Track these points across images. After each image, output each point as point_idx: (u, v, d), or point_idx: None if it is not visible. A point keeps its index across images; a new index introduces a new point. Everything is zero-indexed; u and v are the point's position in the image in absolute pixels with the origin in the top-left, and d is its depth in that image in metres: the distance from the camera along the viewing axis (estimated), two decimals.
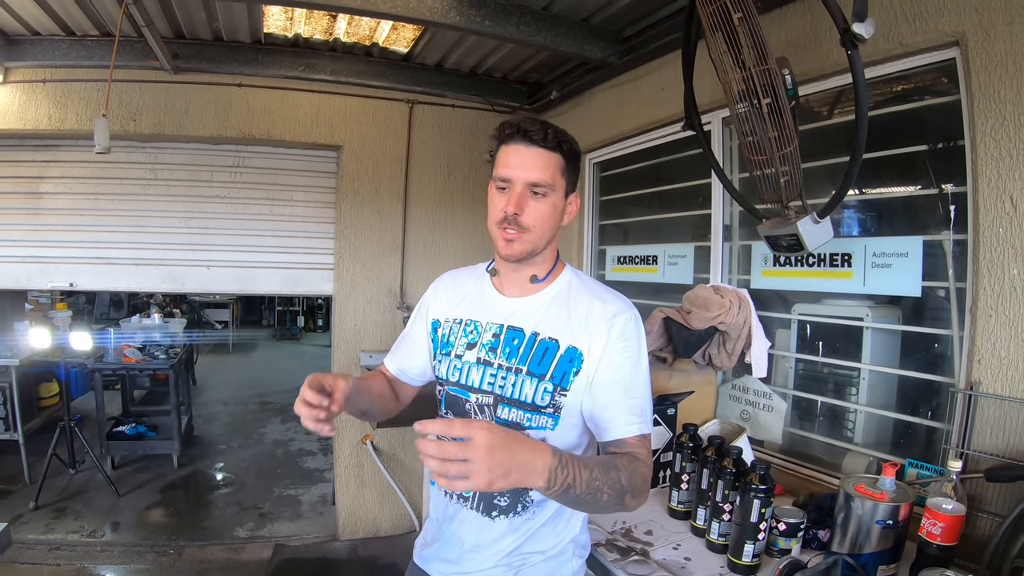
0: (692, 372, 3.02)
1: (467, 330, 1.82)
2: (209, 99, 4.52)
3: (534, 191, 1.65)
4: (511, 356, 1.74)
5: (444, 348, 1.86)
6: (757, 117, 2.26)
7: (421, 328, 1.95)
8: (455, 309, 1.88)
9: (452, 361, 1.82)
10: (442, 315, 1.90)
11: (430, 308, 1.94)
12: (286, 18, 4.00)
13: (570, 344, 1.70)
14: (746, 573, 1.99)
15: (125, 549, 4.68)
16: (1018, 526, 1.76)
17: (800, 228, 2.35)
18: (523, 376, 1.72)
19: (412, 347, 1.97)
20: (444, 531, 1.87)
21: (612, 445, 1.64)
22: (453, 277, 1.97)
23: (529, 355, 1.73)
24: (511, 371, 1.74)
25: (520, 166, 1.64)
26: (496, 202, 1.69)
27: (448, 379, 1.83)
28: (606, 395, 1.65)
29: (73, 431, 5.69)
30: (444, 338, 1.87)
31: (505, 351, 1.75)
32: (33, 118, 4.29)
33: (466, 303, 1.87)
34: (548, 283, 1.81)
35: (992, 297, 2.09)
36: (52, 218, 4.60)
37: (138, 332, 6.80)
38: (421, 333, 1.95)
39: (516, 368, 1.73)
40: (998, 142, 2.08)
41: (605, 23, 3.72)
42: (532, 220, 1.66)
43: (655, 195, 4.17)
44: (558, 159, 1.67)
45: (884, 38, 2.40)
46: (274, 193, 4.88)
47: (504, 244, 1.69)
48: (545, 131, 1.64)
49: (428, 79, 4.78)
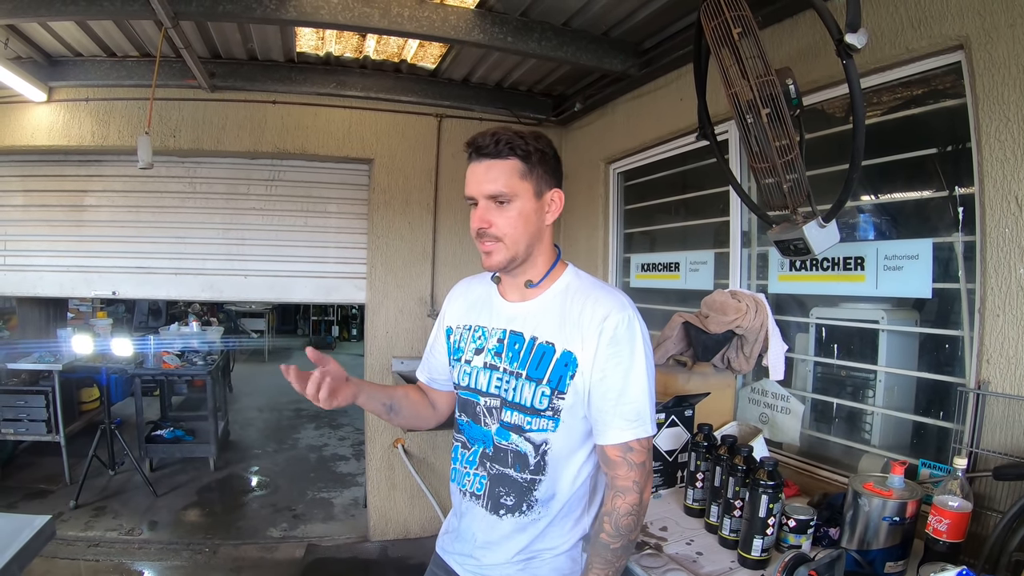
0: (710, 375, 3.06)
1: (475, 336, 1.89)
2: (245, 116, 4.66)
3: (497, 202, 1.70)
4: (513, 360, 1.79)
5: (456, 354, 1.94)
6: (759, 127, 2.32)
7: (440, 335, 2.03)
8: (465, 316, 1.96)
9: (463, 366, 1.90)
10: (454, 322, 1.98)
11: (445, 315, 2.03)
12: (317, 38, 4.12)
13: (565, 348, 1.73)
14: (755, 567, 2.00)
15: (162, 547, 4.81)
16: (1017, 521, 1.76)
17: (806, 232, 2.39)
18: (523, 380, 1.77)
19: (436, 354, 2.05)
20: (461, 525, 1.95)
21: (607, 448, 1.71)
22: (467, 285, 2.04)
23: (528, 359, 1.77)
24: (513, 375, 1.78)
25: (477, 182, 1.72)
26: (471, 220, 1.75)
27: (460, 383, 1.92)
28: (600, 400, 1.70)
29: (113, 434, 5.84)
30: (456, 344, 1.95)
31: (508, 355, 1.80)
32: (77, 135, 4.48)
33: (475, 309, 1.94)
34: (545, 286, 1.82)
35: (999, 297, 2.10)
36: (95, 229, 4.79)
37: (177, 339, 6.96)
38: (440, 340, 2.03)
39: (517, 372, 1.78)
40: (1003, 143, 2.09)
41: (624, 36, 3.79)
42: (501, 230, 1.71)
43: (679, 203, 4.20)
44: (513, 164, 1.69)
45: (891, 44, 2.44)
46: (308, 205, 5.01)
47: (484, 257, 1.77)
48: (496, 141, 1.68)
49: (455, 94, 4.87)
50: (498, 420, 1.81)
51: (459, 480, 1.93)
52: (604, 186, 4.76)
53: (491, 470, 1.84)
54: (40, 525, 2.03)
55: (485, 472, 1.86)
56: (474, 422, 1.88)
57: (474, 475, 1.88)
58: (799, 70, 2.42)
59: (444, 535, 2.07)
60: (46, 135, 4.46)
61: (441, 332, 2.03)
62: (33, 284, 4.83)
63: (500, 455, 1.82)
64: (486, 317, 1.89)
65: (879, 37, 2.46)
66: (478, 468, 1.87)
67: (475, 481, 1.88)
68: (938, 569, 1.63)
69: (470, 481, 1.89)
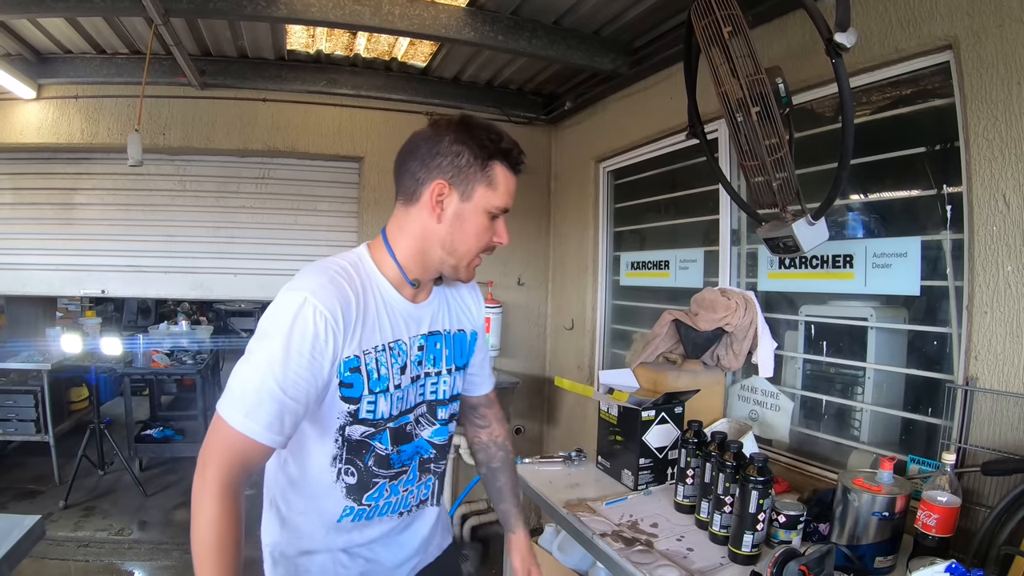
0: (700, 372, 3.08)
1: (395, 353, 1.58)
2: (235, 113, 4.65)
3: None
4: (438, 361, 1.73)
5: (378, 384, 1.55)
6: (748, 126, 2.33)
7: (315, 375, 1.43)
8: (372, 335, 1.54)
9: (392, 394, 1.59)
10: (360, 348, 1.51)
11: (334, 347, 1.45)
12: (308, 35, 4.11)
13: (472, 329, 1.83)
14: (745, 563, 2.01)
15: (152, 547, 4.79)
16: (1006, 515, 1.78)
17: (795, 230, 2.42)
18: (453, 374, 1.78)
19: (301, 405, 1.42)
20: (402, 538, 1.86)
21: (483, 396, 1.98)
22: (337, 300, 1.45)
23: (452, 352, 1.76)
24: (440, 374, 1.74)
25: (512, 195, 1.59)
26: (482, 231, 1.57)
27: (390, 415, 1.60)
28: (482, 357, 1.92)
29: (102, 434, 5.82)
30: (373, 373, 1.54)
31: (431, 358, 1.71)
32: (66, 132, 4.45)
33: (379, 324, 1.56)
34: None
35: (987, 294, 2.13)
36: (84, 228, 4.76)
37: (166, 338, 6.91)
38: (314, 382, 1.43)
39: (445, 370, 1.75)
40: (990, 142, 2.11)
41: (615, 35, 3.80)
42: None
43: (669, 202, 4.21)
44: None
45: (880, 44, 2.47)
46: (299, 203, 4.99)
47: (472, 271, 1.64)
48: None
49: (446, 92, 4.87)
50: (433, 423, 1.76)
51: (399, 506, 1.74)
52: (594, 185, 4.77)
53: (436, 469, 1.82)
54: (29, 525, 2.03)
55: (431, 474, 1.81)
56: (406, 443, 1.69)
57: (419, 486, 1.77)
58: (789, 69, 2.44)
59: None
60: (35, 133, 4.44)
61: (324, 368, 1.44)
62: (22, 283, 4.80)
63: (442, 449, 1.81)
64: (398, 329, 1.60)
65: (868, 37, 2.49)
66: (421, 477, 1.77)
67: (420, 490, 1.79)
68: (927, 563, 1.64)
69: (416, 495, 1.78)
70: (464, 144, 1.50)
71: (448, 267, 1.60)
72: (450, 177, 1.51)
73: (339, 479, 1.60)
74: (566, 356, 5.22)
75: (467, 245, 1.56)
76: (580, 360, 4.95)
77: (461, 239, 1.55)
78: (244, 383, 1.37)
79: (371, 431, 1.59)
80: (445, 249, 1.56)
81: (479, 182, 1.52)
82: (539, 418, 5.58)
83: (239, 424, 1.35)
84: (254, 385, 1.36)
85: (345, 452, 1.58)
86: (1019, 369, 2.05)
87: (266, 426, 1.36)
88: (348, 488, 1.62)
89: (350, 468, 1.60)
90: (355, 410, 1.54)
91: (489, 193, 1.53)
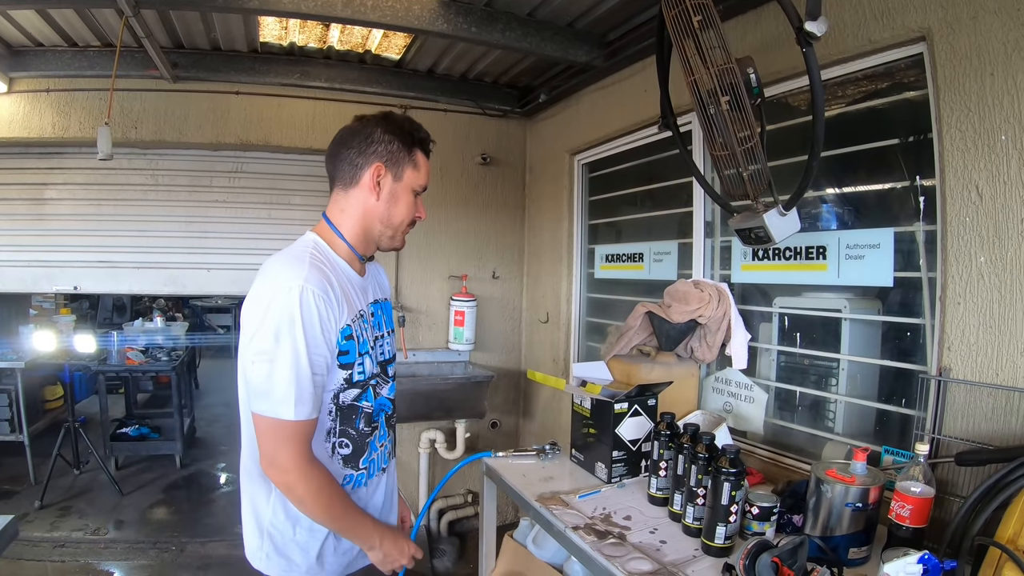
0: (673, 364, 3.08)
1: (365, 319, 1.86)
2: (208, 107, 4.60)
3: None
4: (382, 325, 1.99)
5: (364, 347, 1.81)
6: (719, 116, 2.33)
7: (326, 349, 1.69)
8: (350, 307, 1.77)
9: (372, 354, 1.86)
10: (347, 319, 1.74)
11: (334, 320, 1.69)
12: (281, 27, 4.07)
13: (387, 299, 2.13)
14: (718, 555, 2.01)
15: (128, 546, 4.76)
16: (979, 505, 1.78)
17: (767, 220, 2.43)
18: (392, 336, 2.08)
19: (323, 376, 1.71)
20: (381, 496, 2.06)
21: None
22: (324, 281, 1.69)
23: (387, 317, 2.06)
24: (385, 336, 2.01)
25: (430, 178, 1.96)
26: (411, 206, 1.90)
27: (374, 372, 1.88)
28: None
29: (78, 432, 5.77)
30: (360, 337, 1.80)
31: (378, 323, 1.97)
32: (37, 126, 4.38)
33: (349, 297, 1.79)
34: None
35: (960, 285, 2.14)
36: (56, 223, 4.68)
37: (141, 335, 6.86)
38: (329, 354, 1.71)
39: (389, 332, 2.05)
40: (963, 133, 2.13)
41: (589, 27, 3.79)
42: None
43: (643, 194, 4.22)
44: None
45: (853, 35, 2.48)
46: (272, 197, 4.95)
47: (403, 240, 1.96)
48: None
49: (420, 85, 4.85)
50: (387, 380, 1.99)
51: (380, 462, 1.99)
52: (568, 177, 4.78)
53: (393, 422, 2.05)
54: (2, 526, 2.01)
55: (391, 428, 2.05)
56: (377, 400, 1.94)
57: (388, 441, 2.03)
58: (762, 62, 2.43)
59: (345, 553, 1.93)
60: (6, 127, 4.36)
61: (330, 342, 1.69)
62: None
63: (394, 404, 2.05)
64: (360, 299, 1.88)
65: (842, 29, 2.50)
66: (388, 432, 2.02)
67: (389, 444, 2.05)
68: (900, 555, 1.64)
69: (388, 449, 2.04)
70: (393, 134, 1.83)
71: (386, 238, 1.90)
72: (385, 161, 1.82)
73: (334, 453, 1.82)
74: (541, 349, 5.22)
75: (400, 217, 1.88)
76: (555, 353, 4.95)
77: (396, 212, 1.86)
78: (283, 383, 1.60)
79: (359, 392, 1.83)
80: (383, 223, 1.86)
81: (407, 164, 1.85)
82: (515, 412, 5.59)
83: (296, 415, 1.61)
84: (292, 379, 1.60)
85: (338, 423, 1.80)
86: (992, 359, 2.07)
87: (313, 407, 1.65)
88: (344, 459, 1.84)
89: (343, 440, 1.83)
90: (349, 375, 1.78)
91: (414, 174, 1.87)
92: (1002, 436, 2.02)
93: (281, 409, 1.60)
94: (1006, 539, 1.61)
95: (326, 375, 1.70)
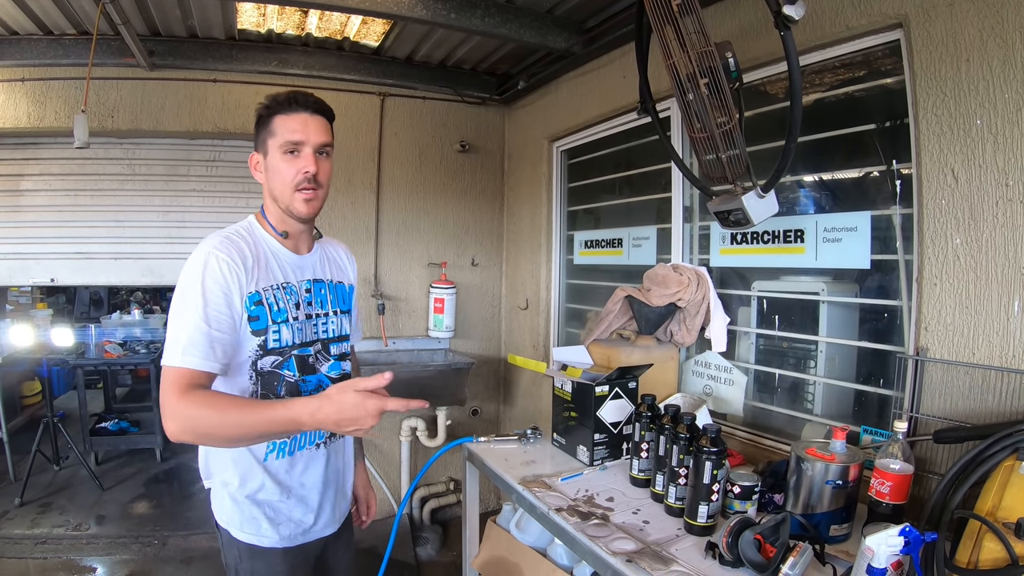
0: (653, 348, 3.10)
1: (288, 292, 1.94)
2: (185, 95, 4.54)
3: (323, 152, 1.94)
4: (324, 304, 2.09)
5: (279, 316, 1.89)
6: (698, 101, 2.34)
7: (232, 308, 1.77)
8: (266, 277, 1.88)
9: (292, 324, 1.94)
10: (260, 285, 1.84)
11: (239, 284, 1.78)
12: (259, 14, 4.03)
13: (349, 283, 2.26)
14: (701, 533, 2.03)
15: (110, 541, 4.72)
16: (958, 480, 1.80)
17: (745, 203, 2.45)
18: (339, 316, 2.15)
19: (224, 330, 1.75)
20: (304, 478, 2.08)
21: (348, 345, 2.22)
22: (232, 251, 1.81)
23: (336, 298, 2.14)
24: (328, 315, 2.10)
25: (312, 130, 1.89)
26: (288, 167, 1.88)
27: (294, 343, 1.94)
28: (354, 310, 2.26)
29: (56, 428, 5.72)
30: (274, 306, 1.87)
31: (318, 301, 2.06)
32: (12, 116, 4.31)
33: (271, 269, 1.91)
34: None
35: (936, 266, 2.18)
36: (32, 215, 4.63)
37: (119, 328, 6.78)
38: (232, 315, 1.77)
39: (331, 312, 2.11)
40: (939, 118, 2.16)
41: (568, 14, 3.79)
42: (325, 177, 1.95)
43: (622, 180, 4.24)
44: (327, 124, 1.96)
45: (831, 22, 2.50)
46: (251, 186, 4.83)
47: (303, 204, 1.92)
48: (317, 100, 1.93)
49: (399, 72, 4.83)
50: (328, 358, 2.08)
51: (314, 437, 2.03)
52: (547, 164, 4.79)
53: None
54: None
55: None
56: (310, 374, 2.01)
57: None
58: (742, 48, 2.47)
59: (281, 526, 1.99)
60: None
61: (235, 304, 1.77)
62: None
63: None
64: (287, 274, 1.97)
65: (820, 15, 2.52)
66: None
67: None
68: (882, 528, 1.66)
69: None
70: (258, 117, 1.93)
71: (284, 208, 1.93)
72: (256, 147, 1.96)
73: None
74: (521, 336, 5.24)
75: (281, 184, 1.89)
76: (535, 340, 4.96)
77: (276, 184, 1.91)
78: (176, 332, 1.67)
79: (279, 359, 1.90)
80: (274, 197, 1.94)
81: (267, 137, 1.89)
82: (495, 399, 5.60)
83: (179, 361, 1.63)
84: (185, 330, 1.67)
85: (260, 388, 1.88)
86: (969, 339, 2.10)
87: (203, 356, 1.67)
88: None
89: None
90: (263, 341, 1.85)
91: (273, 140, 1.88)
92: (979, 414, 2.05)
93: (170, 356, 1.65)
94: (985, 512, 1.64)
95: (231, 334, 1.76)
